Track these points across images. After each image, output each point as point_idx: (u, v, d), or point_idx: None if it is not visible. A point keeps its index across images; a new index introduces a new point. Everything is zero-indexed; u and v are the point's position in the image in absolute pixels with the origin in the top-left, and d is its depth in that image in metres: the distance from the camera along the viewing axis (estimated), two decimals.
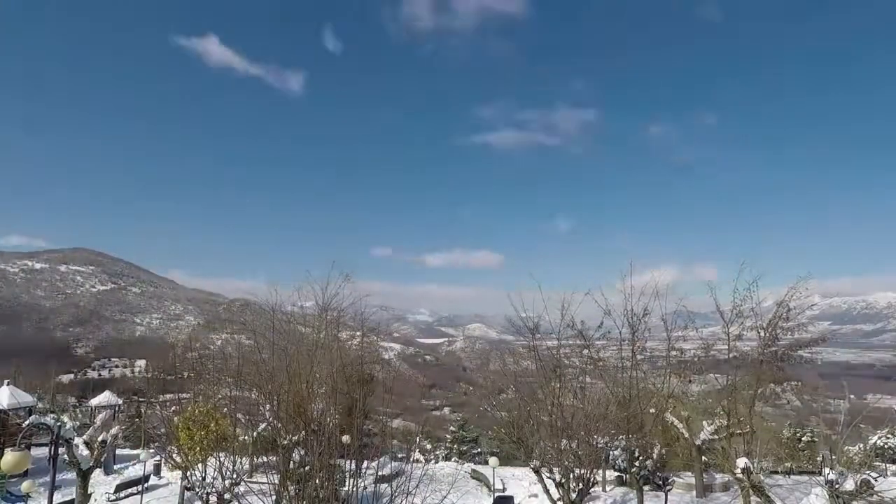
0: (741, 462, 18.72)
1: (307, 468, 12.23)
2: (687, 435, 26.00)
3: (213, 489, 17.34)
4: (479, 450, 40.44)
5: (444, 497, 12.71)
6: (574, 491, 18.67)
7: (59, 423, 20.13)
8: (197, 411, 21.36)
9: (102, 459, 23.56)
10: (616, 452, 24.50)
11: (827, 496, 13.12)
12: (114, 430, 23.29)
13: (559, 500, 19.31)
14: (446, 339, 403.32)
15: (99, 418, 23.63)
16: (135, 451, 33.12)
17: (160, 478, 29.78)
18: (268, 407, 23.90)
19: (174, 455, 21.84)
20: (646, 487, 24.13)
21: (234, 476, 17.40)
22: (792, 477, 28.84)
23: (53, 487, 18.41)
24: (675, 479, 26.44)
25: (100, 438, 21.46)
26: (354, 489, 11.89)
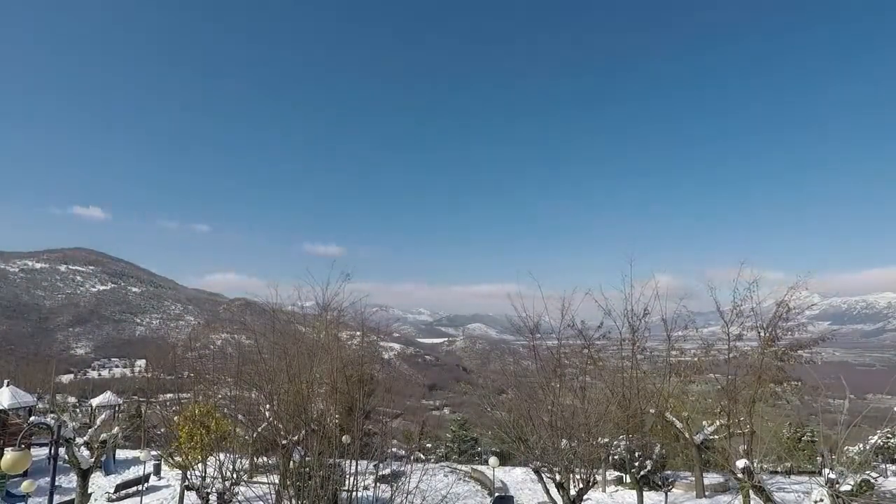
0: (741, 462, 18.69)
1: (307, 468, 12.23)
2: (687, 435, 25.99)
3: (213, 489, 17.33)
4: (479, 450, 40.48)
5: (444, 497, 12.71)
6: (574, 490, 18.66)
7: (59, 423, 20.12)
8: (197, 411, 21.33)
9: (102, 459, 23.59)
10: (616, 452, 24.48)
11: (827, 496, 13.11)
12: (114, 430, 23.29)
13: (559, 498, 19.29)
14: (446, 339, 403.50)
15: (99, 419, 23.64)
16: (135, 452, 33.11)
17: (160, 478, 29.76)
18: (268, 407, 23.90)
19: (174, 455, 21.83)
20: (646, 487, 24.12)
21: (234, 476, 17.39)
22: (792, 477, 28.85)
23: (53, 487, 18.39)
24: (675, 479, 26.44)
25: (100, 438, 21.46)
26: (354, 489, 11.89)
